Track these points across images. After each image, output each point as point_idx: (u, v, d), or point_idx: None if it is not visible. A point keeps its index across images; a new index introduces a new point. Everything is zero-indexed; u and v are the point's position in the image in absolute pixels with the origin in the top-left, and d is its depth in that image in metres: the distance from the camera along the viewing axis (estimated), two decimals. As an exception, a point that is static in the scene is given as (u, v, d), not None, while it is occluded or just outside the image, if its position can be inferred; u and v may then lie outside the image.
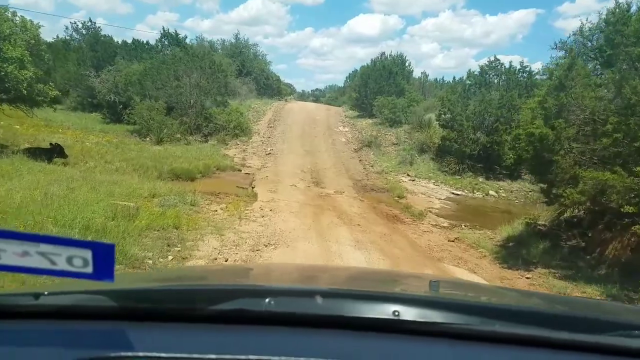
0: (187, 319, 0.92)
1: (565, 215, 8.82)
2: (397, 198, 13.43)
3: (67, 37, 26.93)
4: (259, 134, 21.39)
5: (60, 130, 19.06)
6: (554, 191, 6.37)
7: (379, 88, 27.89)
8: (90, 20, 26.91)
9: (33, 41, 11.42)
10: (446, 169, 18.14)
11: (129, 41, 28.99)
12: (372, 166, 17.92)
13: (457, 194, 15.77)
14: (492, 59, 18.38)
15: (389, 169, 17.80)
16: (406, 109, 23.77)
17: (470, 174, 18.05)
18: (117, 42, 27.12)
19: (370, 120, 26.84)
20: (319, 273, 2.24)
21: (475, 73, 18.41)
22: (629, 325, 1.03)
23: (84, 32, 27.75)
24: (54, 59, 26.32)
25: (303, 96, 58.75)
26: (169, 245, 5.50)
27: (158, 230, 5.95)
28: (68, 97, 24.75)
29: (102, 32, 28.34)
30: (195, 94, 20.54)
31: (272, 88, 36.52)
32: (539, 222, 8.94)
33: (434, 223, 10.64)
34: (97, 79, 21.06)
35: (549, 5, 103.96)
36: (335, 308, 0.95)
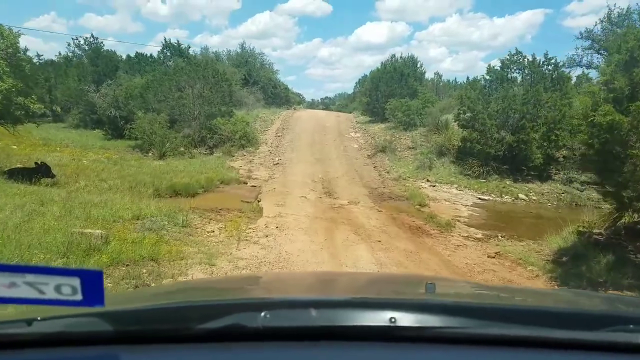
0: (181, 339, 0.91)
1: (624, 221, 7.39)
2: (418, 206, 12.09)
3: (70, 54, 26.38)
4: (266, 143, 20.28)
5: (58, 148, 18.19)
6: (625, 194, 5.02)
7: (391, 91, 26.64)
8: (92, 36, 26.38)
9: (10, 49, 10.46)
10: (469, 172, 16.72)
11: (133, 56, 28.38)
12: (388, 172, 16.60)
13: (484, 199, 14.34)
14: (514, 52, 16.93)
15: (406, 174, 16.45)
16: (421, 111, 22.44)
17: (496, 176, 16.61)
18: (120, 56, 26.47)
19: (382, 125, 25.56)
20: (313, 281, 2.18)
21: (496, 68, 17.01)
22: (625, 319, 1.00)
23: (86, 48, 27.14)
24: (55, 76, 25.87)
25: (312, 105, 57.76)
26: (136, 287, 4.26)
27: (127, 264, 4.74)
28: (70, 115, 24.07)
29: (105, 47, 27.76)
30: (199, 105, 19.56)
31: (280, 97, 35.55)
32: (594, 231, 7.50)
33: (466, 234, 9.26)
34: (96, 94, 20.20)
35: (557, 4, 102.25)
36: (332, 318, 0.94)
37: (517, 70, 17.26)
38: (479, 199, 14.31)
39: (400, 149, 19.81)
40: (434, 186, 15.41)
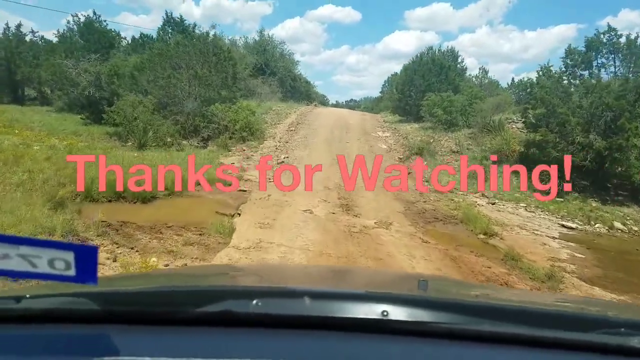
0: (172, 322, 0.90)
1: None
2: (482, 236, 7.96)
3: (68, 33, 23.17)
4: (274, 138, 16.38)
5: (16, 131, 14.73)
6: None
7: (427, 85, 22.43)
8: (95, 13, 23.23)
9: None
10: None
11: (138, 37, 25.02)
12: (427, 181, 12.43)
13: (570, 227, 10.03)
14: (606, 29, 12.55)
15: (452, 185, 12.24)
16: (467, 108, 18.17)
17: (575, 194, 12.26)
18: (122, 37, 23.04)
19: (416, 125, 21.37)
20: (307, 273, 2.19)
21: (580, 49, 12.66)
22: (617, 323, 1.01)
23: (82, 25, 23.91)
24: (44, 53, 22.73)
25: (336, 106, 53.79)
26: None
27: None
28: (54, 97, 20.78)
29: (108, 26, 24.42)
30: (194, 87, 15.83)
31: (299, 91, 31.77)
32: None
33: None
34: (74, 70, 16.71)
35: (590, 19, 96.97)
36: (324, 309, 0.94)
37: (608, 53, 12.85)
38: (563, 226, 10.01)
39: (441, 153, 15.59)
40: (493, 204, 11.18)
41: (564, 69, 12.94)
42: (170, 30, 21.28)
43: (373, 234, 7.15)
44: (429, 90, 21.49)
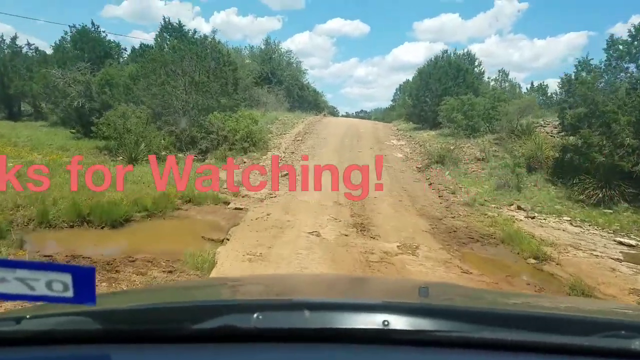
0: (174, 339, 0.89)
1: None
2: (533, 260, 6.38)
3: (61, 43, 22.21)
4: (279, 148, 14.97)
5: (-2, 147, 13.55)
6: None
7: (444, 89, 20.89)
8: (93, 24, 22.20)
9: None
10: (581, 197, 10.74)
11: (138, 47, 23.97)
12: (453, 193, 10.84)
13: (630, 245, 8.32)
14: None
15: (482, 197, 10.64)
16: (489, 112, 16.59)
17: (625, 204, 10.55)
18: (115, 43, 21.92)
19: (433, 132, 19.84)
20: (307, 283, 2.17)
21: (625, 39, 11.06)
22: (617, 326, 1.00)
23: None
24: (34, 66, 21.77)
25: (347, 117, 52.39)
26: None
27: None
28: (48, 110, 19.71)
29: (109, 38, 23.42)
30: (193, 94, 14.53)
31: (307, 101, 30.46)
32: None
33: None
34: (62, 80, 15.54)
35: (601, 26, 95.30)
36: (325, 320, 0.93)
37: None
38: (621, 243, 8.32)
39: (465, 161, 14.00)
40: (532, 217, 9.53)
41: (606, 62, 11.30)
42: (168, 37, 20.15)
43: (397, 262, 5.61)
44: (446, 94, 19.97)
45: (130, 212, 7.25)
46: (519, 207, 10.31)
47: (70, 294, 0.66)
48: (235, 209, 8.27)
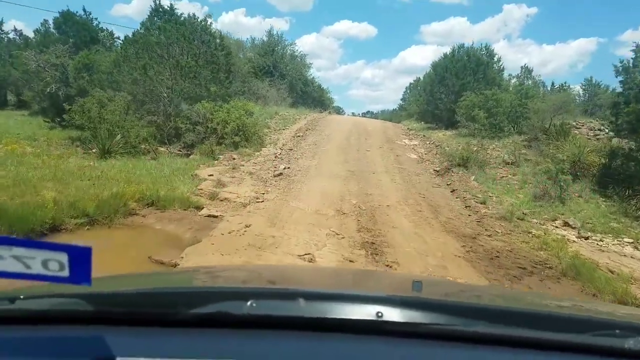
0: (167, 323, 0.90)
1: None
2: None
3: (43, 27, 20.34)
4: (275, 144, 13.03)
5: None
6: None
7: (462, 85, 18.92)
8: (85, 10, 20.36)
9: None
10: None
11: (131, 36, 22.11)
12: (482, 203, 8.86)
13: None
14: None
15: (518, 208, 8.65)
16: (517, 110, 14.58)
17: (696, 223, 8.54)
18: (106, 30, 20.04)
19: (449, 132, 17.87)
20: (303, 274, 2.14)
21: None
22: (612, 325, 1.01)
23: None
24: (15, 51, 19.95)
25: (352, 116, 50.43)
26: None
27: None
28: (26, 98, 17.89)
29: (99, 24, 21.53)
30: (178, 80, 12.64)
31: (311, 97, 28.55)
32: None
33: None
34: (35, 63, 13.68)
35: (611, 33, 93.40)
36: (318, 310, 0.94)
37: None
38: None
39: (492, 164, 12.00)
40: (586, 238, 7.54)
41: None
42: (158, 21, 18.27)
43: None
44: (464, 91, 18.00)
45: (61, 218, 5.36)
46: (566, 224, 8.32)
47: (66, 273, 0.66)
48: (208, 216, 6.36)
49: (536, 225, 7.81)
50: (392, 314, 0.91)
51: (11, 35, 22.39)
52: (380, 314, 0.89)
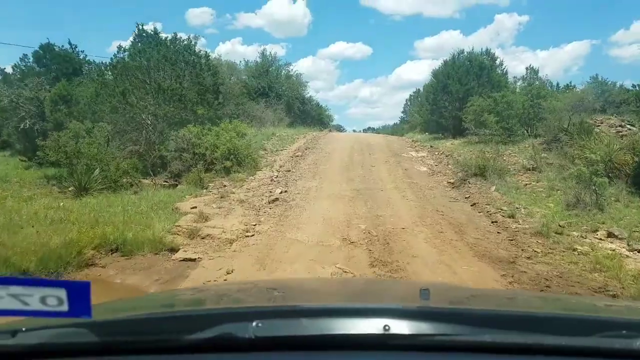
0: (171, 350, 0.88)
1: None
2: None
3: (32, 64, 19.49)
4: (271, 167, 11.90)
5: None
6: None
7: (466, 91, 17.88)
8: (70, 44, 19.45)
9: None
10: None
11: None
12: (511, 217, 7.62)
13: None
14: None
15: (552, 220, 7.39)
16: (528, 111, 13.46)
17: None
18: (92, 61, 19.20)
19: (457, 141, 16.73)
20: (306, 287, 2.06)
21: None
22: (619, 325, 0.98)
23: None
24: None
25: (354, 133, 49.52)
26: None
27: None
28: (5, 137, 16.98)
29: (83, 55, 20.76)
30: (161, 104, 11.63)
31: (310, 115, 27.64)
32: None
33: None
34: (7, 98, 12.74)
35: (604, 34, 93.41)
36: (325, 327, 0.92)
37: None
38: None
39: (512, 171, 10.79)
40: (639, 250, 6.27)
41: None
42: (140, 46, 17.40)
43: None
44: (469, 96, 16.95)
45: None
46: (610, 234, 7.05)
47: (65, 307, 0.65)
48: (184, 260, 5.17)
49: (578, 240, 6.55)
50: (400, 326, 0.88)
51: (-3, 75, 21.66)
52: (387, 327, 0.87)
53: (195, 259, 5.16)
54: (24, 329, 0.90)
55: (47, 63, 17.29)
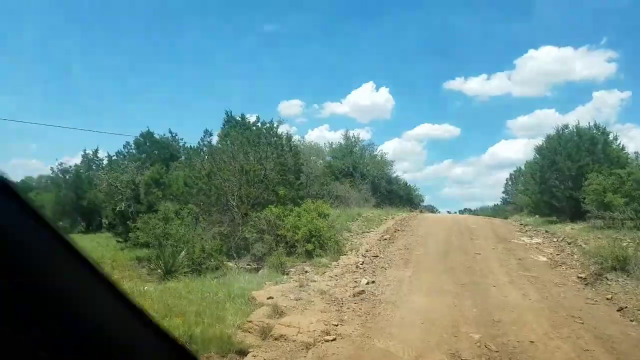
0: None
1: None
2: None
3: (133, 150, 21.46)
4: (357, 250, 10.77)
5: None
6: None
7: (579, 168, 15.63)
8: (170, 132, 21.33)
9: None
10: None
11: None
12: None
13: None
14: None
15: None
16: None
17: None
18: (191, 147, 20.60)
19: (578, 225, 14.23)
20: None
21: None
22: None
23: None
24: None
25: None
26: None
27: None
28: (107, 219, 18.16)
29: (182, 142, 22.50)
30: (244, 185, 11.47)
31: (398, 196, 26.44)
32: None
33: None
34: (106, 182, 13.61)
35: None
36: None
37: None
38: None
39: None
40: None
41: None
42: (227, 129, 18.29)
43: None
44: (583, 174, 14.73)
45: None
46: None
47: None
48: (248, 372, 4.12)
49: None
50: None
51: (105, 162, 24.27)
52: None
53: (263, 372, 4.08)
54: None
55: (147, 149, 18.84)
